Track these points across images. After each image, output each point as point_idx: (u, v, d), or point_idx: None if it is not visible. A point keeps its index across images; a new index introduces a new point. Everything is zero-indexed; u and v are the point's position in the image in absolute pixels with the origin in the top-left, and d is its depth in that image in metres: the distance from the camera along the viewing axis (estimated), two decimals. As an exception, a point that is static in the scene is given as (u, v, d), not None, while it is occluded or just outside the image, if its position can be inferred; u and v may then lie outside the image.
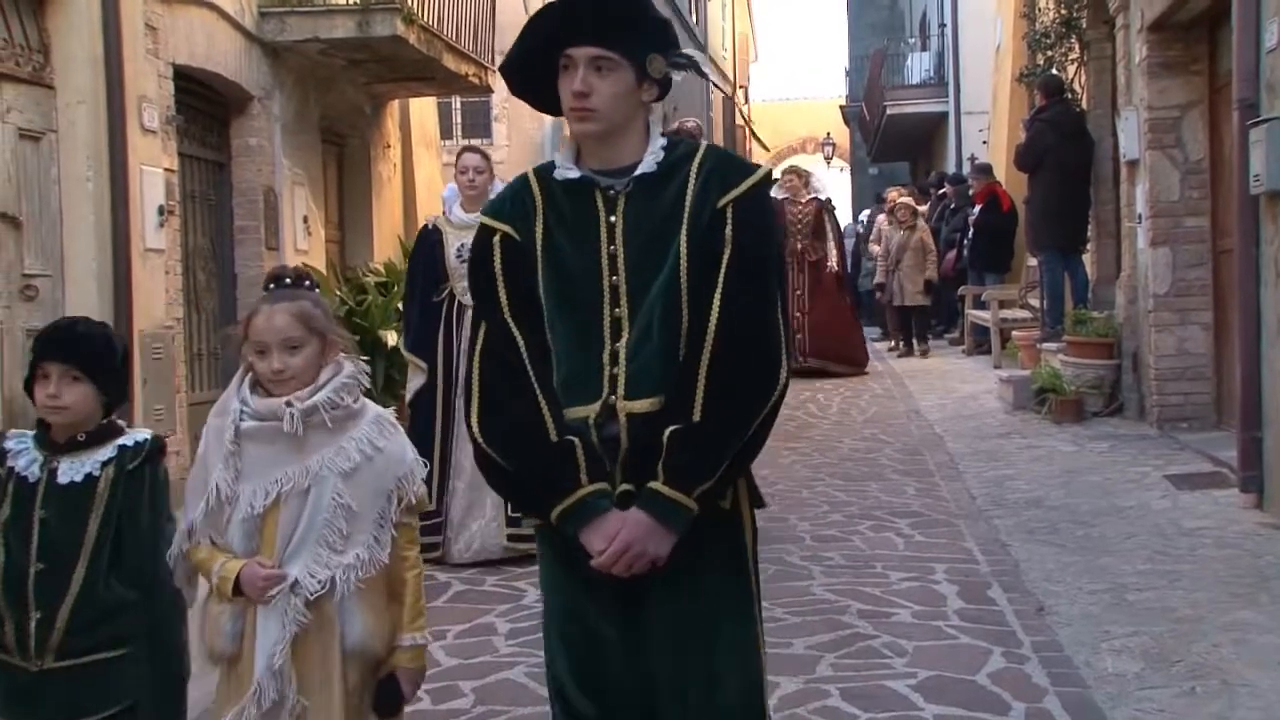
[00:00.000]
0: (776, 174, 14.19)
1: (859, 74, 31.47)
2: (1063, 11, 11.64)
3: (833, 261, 13.71)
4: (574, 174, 2.66)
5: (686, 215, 2.59)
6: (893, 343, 16.37)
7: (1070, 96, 11.64)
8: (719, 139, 35.09)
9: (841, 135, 36.96)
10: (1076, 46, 11.79)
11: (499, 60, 15.22)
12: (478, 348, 2.67)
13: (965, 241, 15.72)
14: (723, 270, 2.55)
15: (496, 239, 2.69)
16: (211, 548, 2.90)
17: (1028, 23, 13.03)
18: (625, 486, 2.53)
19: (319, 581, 2.84)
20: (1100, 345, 9.96)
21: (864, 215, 19.02)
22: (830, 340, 13.43)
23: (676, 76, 2.68)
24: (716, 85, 33.81)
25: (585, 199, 2.65)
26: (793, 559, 6.21)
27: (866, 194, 29.55)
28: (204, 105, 9.69)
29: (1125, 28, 9.59)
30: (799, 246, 13.35)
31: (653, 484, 2.50)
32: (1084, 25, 11.47)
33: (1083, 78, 11.85)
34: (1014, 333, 13.22)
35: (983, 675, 4.55)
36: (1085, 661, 4.64)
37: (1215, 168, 8.75)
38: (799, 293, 13.29)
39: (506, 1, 15.19)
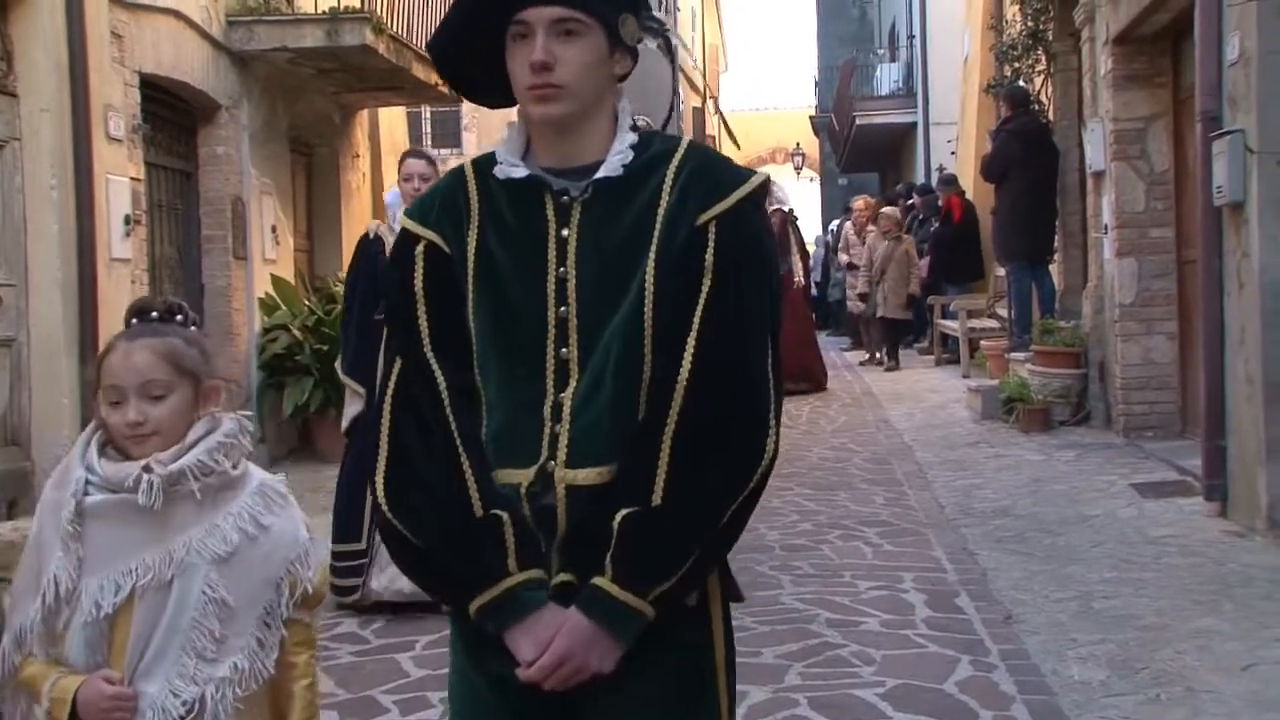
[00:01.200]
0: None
1: (828, 84, 31.59)
2: (1029, 24, 11.73)
3: (798, 275, 13.35)
4: (520, 172, 2.10)
5: (658, 232, 2.04)
6: (867, 355, 16.12)
7: (1035, 108, 11.72)
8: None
9: (811, 145, 37.11)
10: (1043, 58, 11.87)
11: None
12: (389, 390, 2.11)
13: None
14: (700, 306, 2.01)
15: (420, 249, 2.14)
16: (45, 661, 2.26)
17: (995, 34, 13.12)
18: (565, 577, 2.01)
19: (184, 702, 2.22)
20: (1067, 355, 10.02)
21: (833, 225, 19.05)
22: (792, 357, 12.79)
23: (650, 43, 2.24)
24: (682, 71, 33.86)
25: (533, 205, 2.10)
26: (762, 568, 6.22)
27: (835, 204, 29.63)
28: (171, 114, 9.65)
29: (1091, 40, 9.67)
30: None
31: (599, 580, 1.97)
32: (1050, 38, 11.55)
33: (1049, 89, 11.94)
34: (982, 342, 13.30)
35: (950, 683, 4.56)
36: (1052, 669, 4.66)
37: (1180, 179, 8.83)
38: None
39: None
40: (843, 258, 16.46)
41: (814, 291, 17.48)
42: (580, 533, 2.02)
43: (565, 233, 2.08)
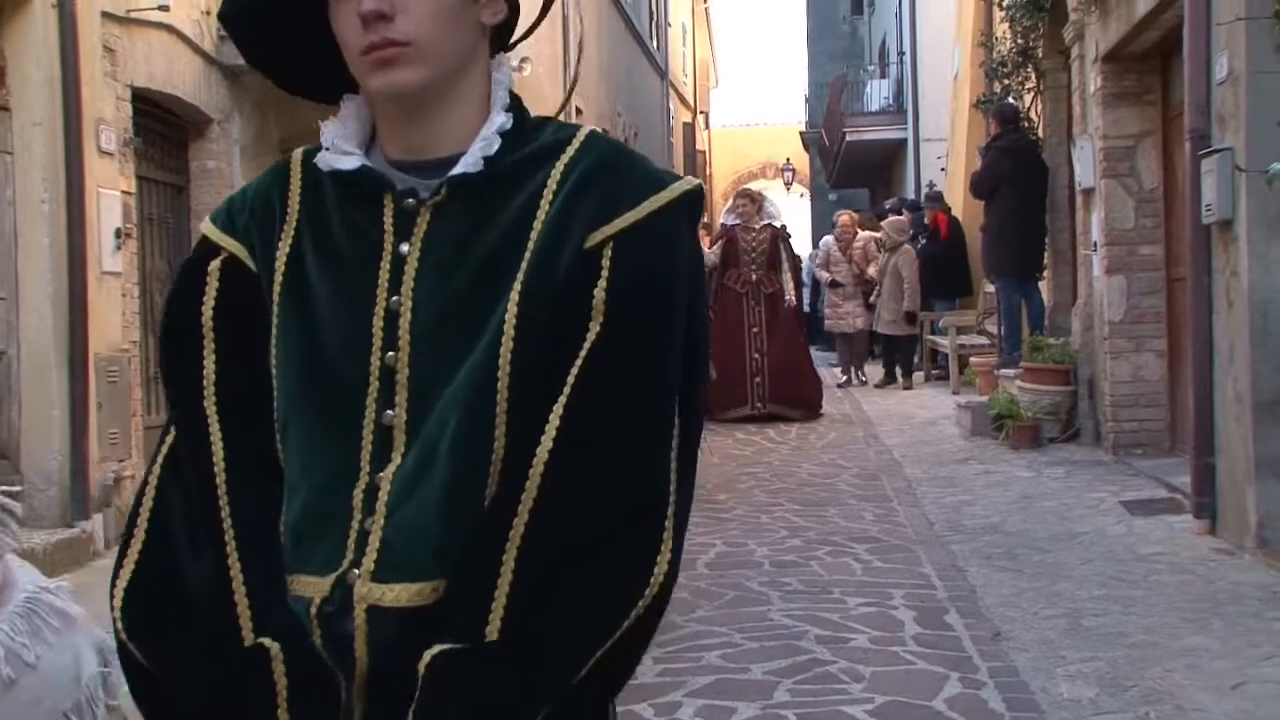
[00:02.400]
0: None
1: (818, 100, 31.68)
2: (1019, 41, 11.77)
3: (789, 294, 12.62)
4: (348, 162, 1.54)
5: (530, 254, 1.47)
6: (844, 376, 15.47)
7: (1025, 125, 11.77)
8: (678, 166, 35.30)
9: (801, 161, 37.17)
10: (1033, 75, 11.92)
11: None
12: (156, 461, 1.57)
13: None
14: (579, 362, 1.43)
15: (216, 265, 1.59)
16: None
17: (985, 51, 13.17)
18: None
19: None
20: (1056, 371, 10.04)
21: (822, 241, 19.01)
22: (789, 383, 12.28)
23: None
24: (672, 87, 34.01)
25: (366, 209, 1.54)
26: (751, 584, 6.22)
27: (825, 220, 29.72)
28: (162, 128, 9.64)
29: (1080, 58, 9.71)
30: (754, 278, 12.39)
31: None
32: (1040, 55, 11.60)
33: (1039, 106, 11.98)
34: (971, 359, 13.32)
35: (939, 700, 4.56)
36: (1041, 687, 4.66)
37: (1169, 196, 8.87)
38: (756, 330, 12.27)
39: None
40: (823, 274, 15.57)
41: (808, 308, 17.25)
42: (387, 676, 1.43)
43: (405, 248, 1.51)
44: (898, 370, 15.14)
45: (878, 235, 15.84)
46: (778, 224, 12.72)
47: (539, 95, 19.14)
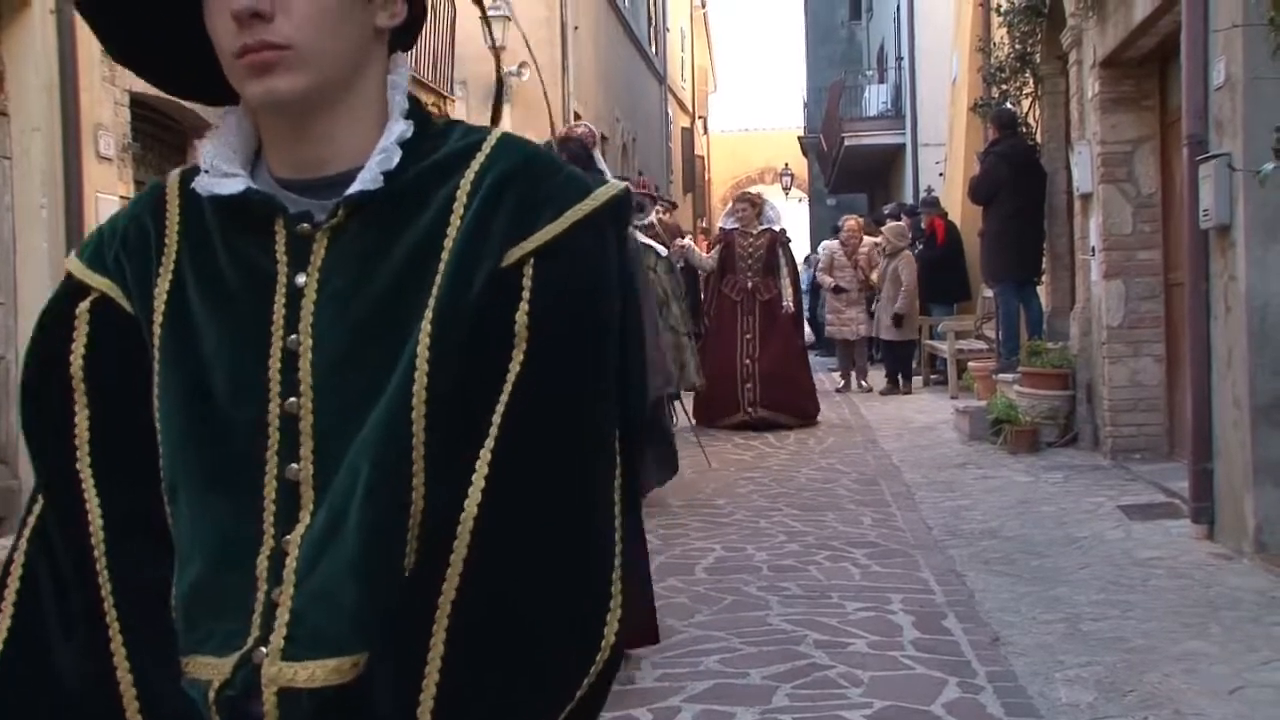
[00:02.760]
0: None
1: (817, 105, 31.73)
2: (1017, 46, 11.79)
3: (787, 300, 12.18)
4: (231, 185, 1.35)
5: (441, 277, 1.30)
6: (843, 381, 15.41)
7: (1023, 130, 11.78)
8: (677, 171, 35.31)
9: (799, 166, 37.21)
10: (1031, 81, 11.94)
11: (458, 90, 15.19)
12: (24, 531, 1.40)
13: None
14: (505, 397, 1.27)
15: (85, 306, 1.41)
16: None
17: (983, 57, 13.19)
18: None
19: None
20: (1055, 376, 10.05)
21: (822, 246, 18.92)
22: (781, 389, 11.98)
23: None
24: (670, 92, 34.03)
25: (255, 237, 1.36)
26: (750, 589, 6.22)
27: (824, 225, 29.74)
28: (161, 133, 9.64)
29: (1078, 63, 9.72)
30: (750, 284, 12.05)
31: None
32: (1038, 60, 11.62)
33: (1037, 111, 12.00)
34: (970, 363, 13.32)
35: (938, 705, 4.56)
36: (1039, 691, 4.66)
37: (1167, 202, 8.88)
38: (749, 336, 11.96)
39: (466, 32, 15.27)
40: (826, 279, 15.31)
41: (807, 314, 17.16)
42: None
43: (301, 279, 1.34)
44: (886, 376, 15.08)
45: (878, 241, 15.76)
46: (777, 228, 12.40)
47: (536, 101, 19.16)
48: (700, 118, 41.71)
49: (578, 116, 21.05)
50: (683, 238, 13.90)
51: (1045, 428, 9.96)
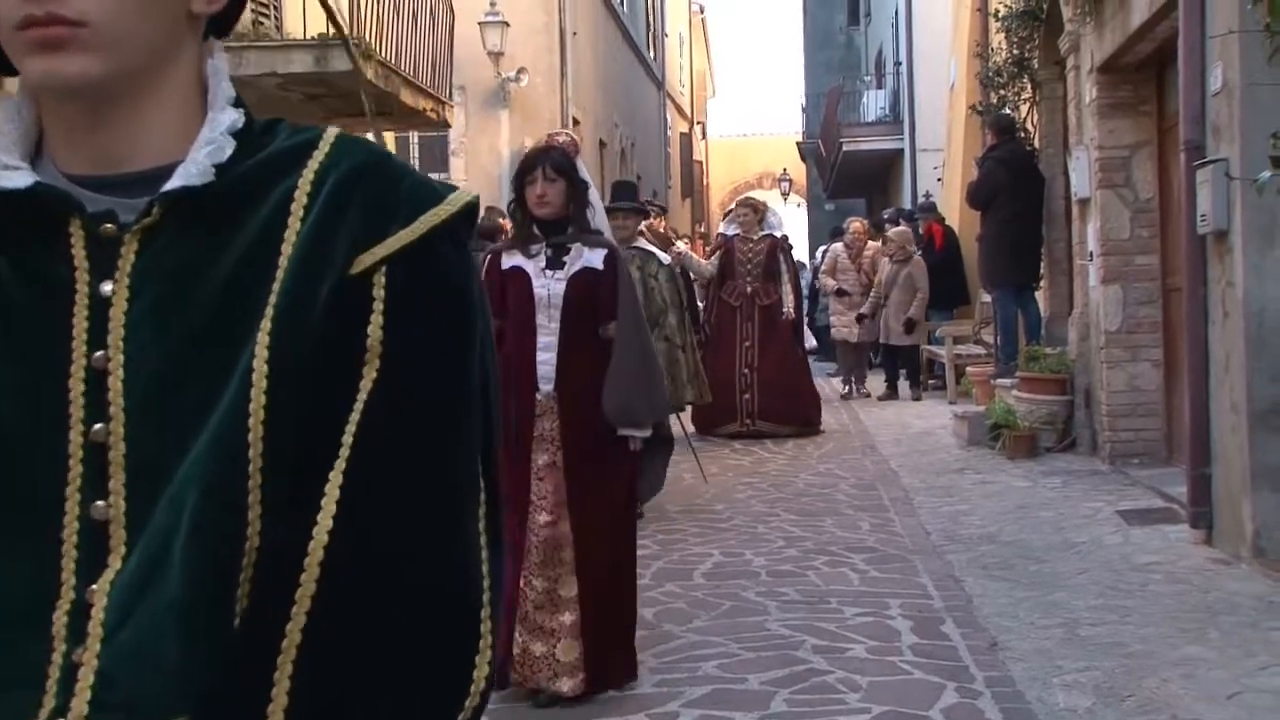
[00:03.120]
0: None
1: (815, 111, 31.76)
2: (1015, 52, 11.81)
3: (788, 307, 11.94)
4: (17, 180, 1.16)
5: (280, 285, 1.14)
6: (845, 388, 15.22)
7: (1021, 135, 11.80)
8: (675, 176, 35.34)
9: (798, 171, 37.24)
10: (1029, 86, 11.95)
11: (456, 96, 15.16)
12: None
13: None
14: (356, 419, 1.12)
15: None
16: None
17: (981, 62, 13.20)
18: None
19: None
20: (1053, 381, 10.05)
21: (820, 250, 18.74)
22: (781, 398, 11.71)
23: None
24: (669, 97, 34.05)
25: (45, 241, 1.17)
26: (748, 594, 6.22)
27: (822, 230, 29.77)
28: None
29: (1076, 69, 9.73)
30: (750, 290, 11.80)
31: None
32: (1035, 65, 11.63)
33: (1035, 117, 12.01)
34: (968, 369, 13.33)
35: (936, 710, 4.57)
36: (1038, 697, 4.66)
37: (1164, 207, 8.89)
38: (749, 344, 11.73)
39: (464, 36, 15.28)
40: (829, 282, 15.11)
41: (808, 319, 16.92)
42: None
43: (108, 289, 1.15)
44: (904, 382, 14.78)
45: (878, 245, 15.77)
46: (779, 234, 12.20)
47: (535, 105, 19.18)
48: (699, 123, 41.74)
49: (576, 122, 21.09)
50: (677, 243, 13.67)
51: (1043, 433, 9.97)
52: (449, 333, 1.17)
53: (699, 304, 12.50)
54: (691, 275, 12.26)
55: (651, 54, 31.48)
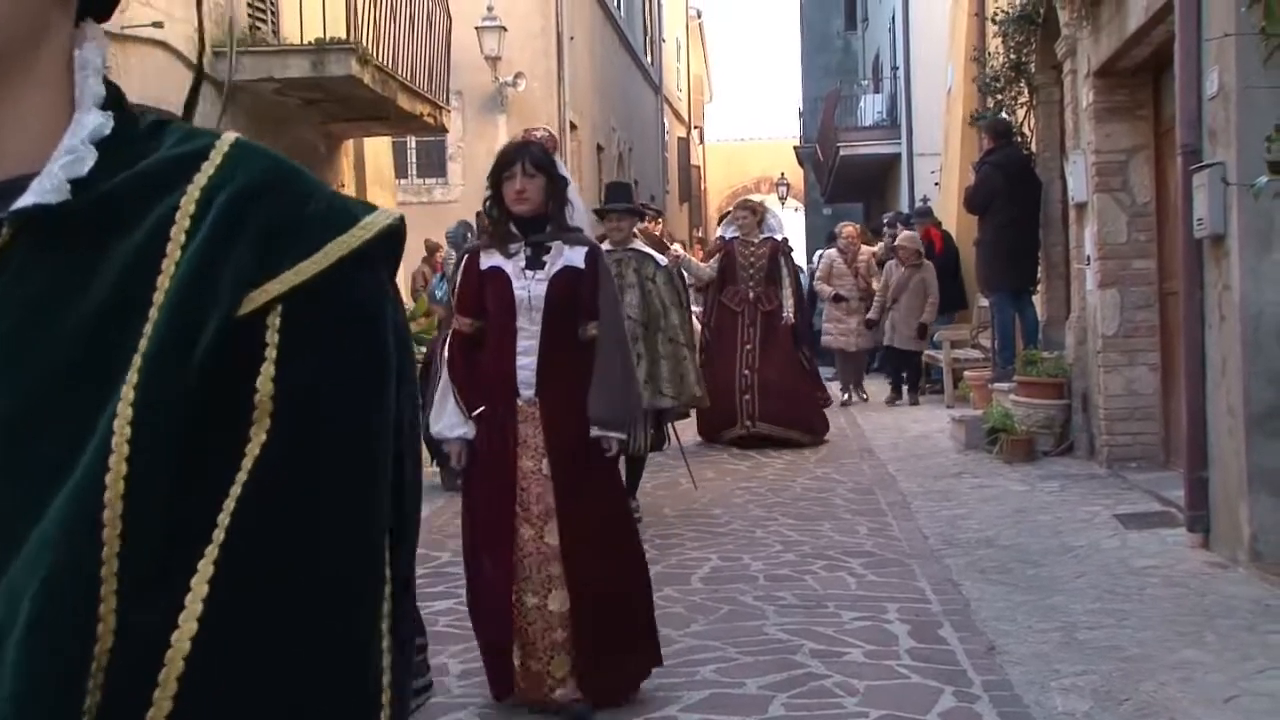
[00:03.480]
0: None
1: (813, 115, 31.77)
2: (1012, 56, 11.82)
3: (788, 311, 11.62)
4: None
5: (153, 326, 0.92)
6: (845, 396, 14.81)
7: (1018, 139, 11.81)
8: (673, 181, 35.31)
9: (795, 175, 37.27)
10: (1026, 91, 11.97)
11: (454, 100, 15.17)
12: None
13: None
14: (238, 490, 0.90)
15: None
16: None
17: (978, 66, 13.22)
18: None
19: None
20: (1050, 385, 10.06)
21: (817, 255, 18.59)
22: (783, 402, 11.35)
23: None
24: (666, 102, 34.03)
25: None
26: (746, 599, 6.22)
27: (820, 234, 29.78)
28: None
29: (1073, 73, 9.75)
30: (751, 295, 11.52)
31: None
32: (1033, 70, 11.64)
33: (1031, 121, 12.02)
34: (966, 373, 13.33)
35: (934, 714, 4.56)
36: (1035, 700, 4.66)
37: (1161, 211, 8.89)
38: (749, 347, 11.44)
39: (461, 41, 15.28)
40: (825, 288, 14.84)
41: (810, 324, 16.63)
42: None
43: None
44: (905, 387, 14.70)
45: (875, 250, 15.69)
46: (779, 237, 11.92)
47: (532, 110, 19.18)
48: (696, 127, 41.78)
49: (574, 127, 21.10)
50: (674, 246, 13.61)
51: (1041, 437, 9.97)
52: (360, 389, 0.94)
53: (694, 309, 12.45)
54: (688, 279, 11.96)
55: (649, 59, 31.50)
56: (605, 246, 7.13)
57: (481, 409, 4.59)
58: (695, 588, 6.48)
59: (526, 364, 4.59)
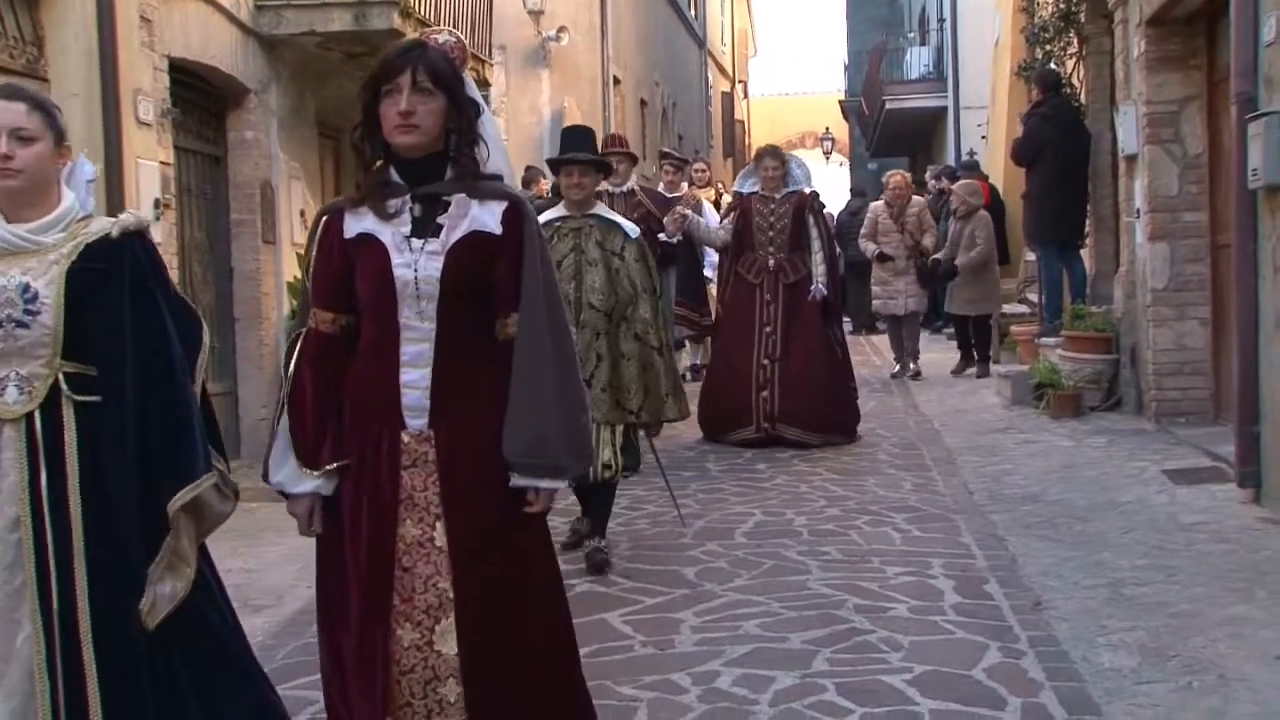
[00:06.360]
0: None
1: (858, 69, 31.49)
2: (1061, 6, 11.64)
3: (819, 282, 9.38)
4: None
5: None
6: (898, 366, 13.19)
7: (1067, 91, 11.63)
8: (717, 136, 35.12)
9: (840, 130, 37.01)
10: (1075, 41, 11.78)
11: (496, 55, 15.14)
12: None
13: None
14: None
15: None
16: None
17: (1026, 17, 13.02)
18: None
19: None
20: (1098, 340, 9.95)
21: (872, 206, 16.31)
22: (810, 400, 9.20)
23: None
24: (710, 56, 33.82)
25: None
26: (790, 554, 6.20)
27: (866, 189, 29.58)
28: (200, 98, 9.66)
29: (1124, 22, 9.57)
30: (772, 263, 9.37)
31: None
32: (1082, 20, 11.46)
33: (1081, 72, 11.85)
34: (1012, 328, 13.20)
35: (979, 670, 4.54)
36: (1082, 656, 4.63)
37: (1214, 162, 8.74)
38: (769, 329, 9.32)
39: (504, -5, 15.20)
40: (870, 246, 12.98)
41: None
42: None
43: None
44: (961, 353, 13.09)
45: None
46: (807, 190, 9.60)
47: (574, 65, 19.09)
48: (740, 82, 41.48)
49: (618, 81, 20.99)
50: (692, 190, 11.94)
51: (1088, 392, 9.87)
52: None
53: (708, 273, 11.37)
54: (696, 246, 10.75)
55: (693, 12, 31.27)
56: (559, 210, 6.22)
57: (344, 461, 3.07)
58: (739, 542, 6.46)
59: (415, 379, 3.05)
